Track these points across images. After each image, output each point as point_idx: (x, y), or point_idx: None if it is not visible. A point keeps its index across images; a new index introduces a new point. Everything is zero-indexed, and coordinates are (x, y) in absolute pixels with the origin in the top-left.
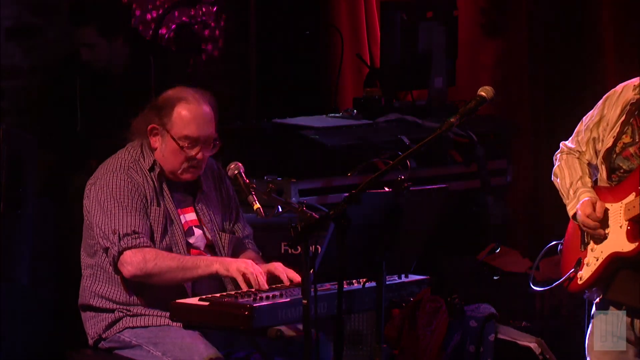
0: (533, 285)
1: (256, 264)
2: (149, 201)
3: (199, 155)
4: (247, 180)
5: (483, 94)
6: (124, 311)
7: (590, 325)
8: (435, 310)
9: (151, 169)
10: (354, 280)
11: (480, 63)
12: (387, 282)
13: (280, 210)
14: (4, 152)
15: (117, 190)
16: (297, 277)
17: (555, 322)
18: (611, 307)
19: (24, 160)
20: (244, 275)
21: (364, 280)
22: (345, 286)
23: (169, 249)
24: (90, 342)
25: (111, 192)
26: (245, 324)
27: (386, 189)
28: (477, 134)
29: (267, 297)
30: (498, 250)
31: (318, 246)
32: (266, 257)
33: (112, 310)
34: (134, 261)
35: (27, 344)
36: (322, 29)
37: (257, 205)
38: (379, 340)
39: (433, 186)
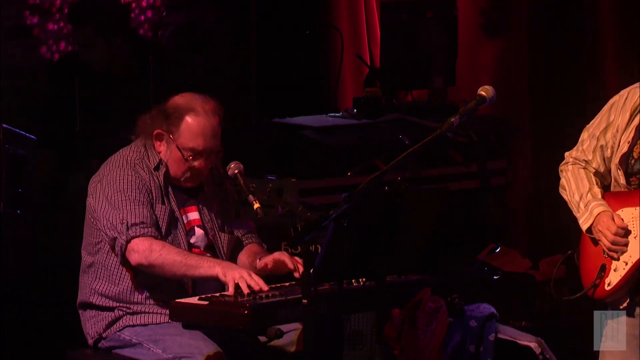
0: (556, 295)
1: (260, 258)
2: (154, 198)
3: (202, 167)
4: (247, 180)
5: (483, 93)
6: (124, 309)
7: (605, 329)
8: (435, 310)
9: (156, 168)
10: (353, 280)
11: (480, 63)
12: (387, 282)
13: (280, 210)
14: (4, 152)
15: (124, 185)
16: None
17: (555, 322)
18: (638, 309)
19: (24, 160)
20: (238, 282)
21: (364, 280)
22: (345, 286)
23: None
24: (90, 341)
25: (118, 187)
26: (245, 324)
27: (386, 189)
28: (477, 134)
29: (267, 297)
30: (498, 250)
31: (318, 246)
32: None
33: (112, 309)
34: (140, 249)
35: (27, 344)
36: (322, 29)
37: (257, 205)
38: (379, 340)
39: (433, 186)
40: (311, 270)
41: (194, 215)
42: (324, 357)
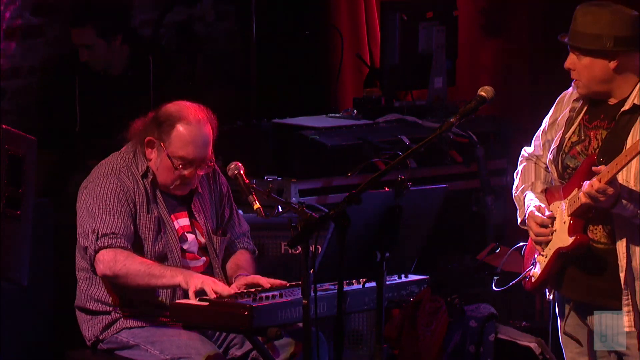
0: (495, 287)
1: (237, 277)
2: (138, 207)
3: (192, 176)
4: (247, 180)
5: (483, 94)
6: (120, 312)
7: (559, 322)
8: (435, 310)
9: (144, 176)
10: (354, 280)
11: (480, 63)
12: (387, 282)
13: (280, 210)
14: (4, 152)
15: (104, 194)
16: (277, 282)
17: (555, 322)
18: (565, 304)
19: (24, 160)
20: (201, 290)
21: (364, 280)
22: (345, 286)
23: (163, 256)
24: (88, 344)
25: (98, 195)
26: (245, 324)
27: (386, 189)
28: (477, 134)
29: (267, 297)
30: (498, 250)
31: (318, 246)
32: (266, 257)
33: (108, 312)
34: (105, 260)
35: (27, 344)
36: (322, 29)
37: (257, 205)
38: (379, 340)
39: (433, 186)
40: (311, 271)
41: (184, 221)
42: (324, 357)
